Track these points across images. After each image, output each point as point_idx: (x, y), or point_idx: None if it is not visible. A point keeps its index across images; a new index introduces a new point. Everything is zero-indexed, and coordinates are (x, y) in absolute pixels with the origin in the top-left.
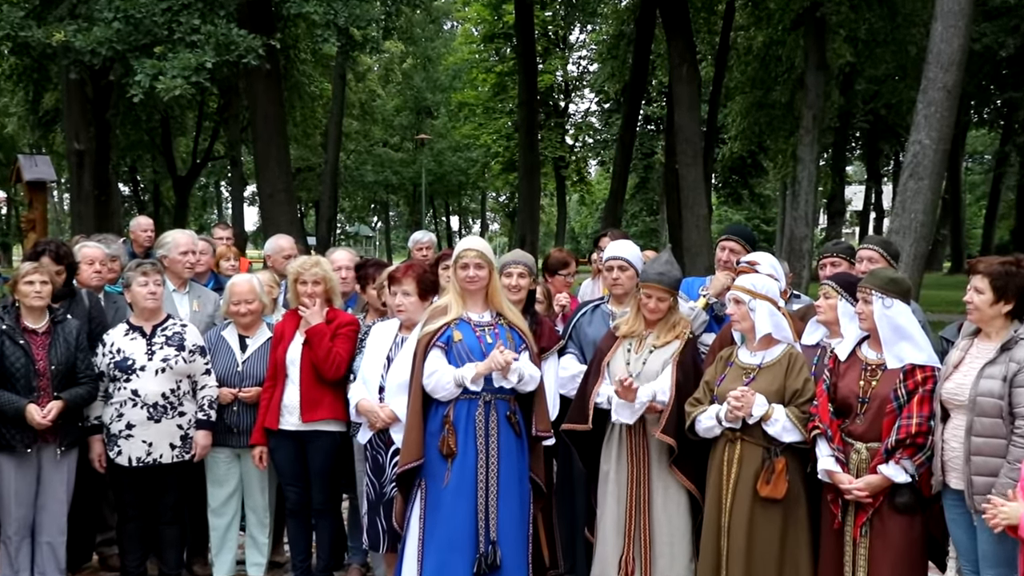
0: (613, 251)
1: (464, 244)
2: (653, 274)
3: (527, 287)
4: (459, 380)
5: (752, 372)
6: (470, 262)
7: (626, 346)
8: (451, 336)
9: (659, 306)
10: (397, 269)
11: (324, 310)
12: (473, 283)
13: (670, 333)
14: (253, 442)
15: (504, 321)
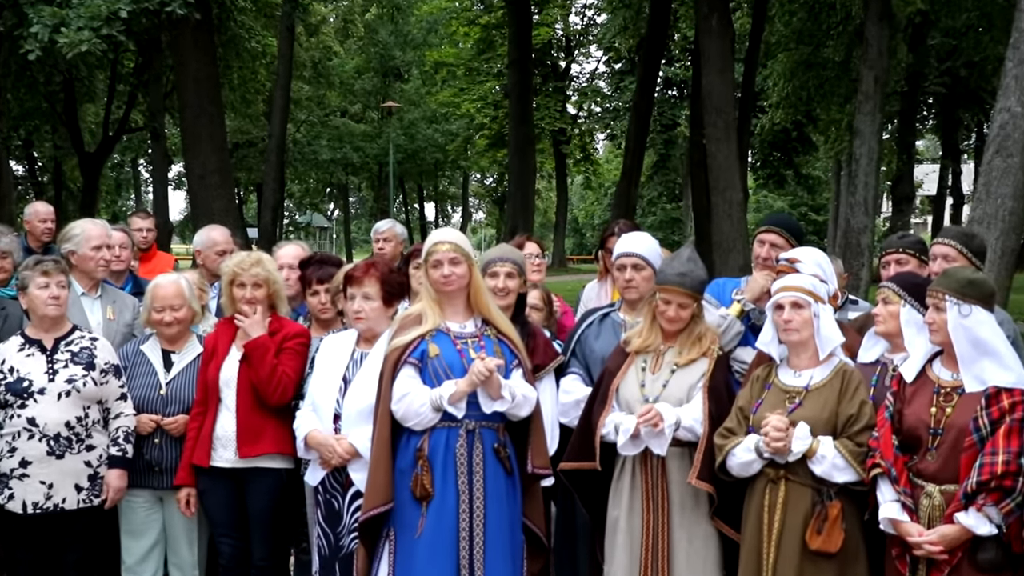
0: (625, 246)
1: (434, 237)
2: (672, 274)
3: (516, 290)
4: (436, 403)
5: (797, 396)
6: (443, 258)
7: (640, 364)
8: (426, 350)
9: (679, 314)
10: (355, 268)
11: (267, 319)
12: (449, 283)
13: (694, 349)
14: (178, 483)
15: (492, 331)
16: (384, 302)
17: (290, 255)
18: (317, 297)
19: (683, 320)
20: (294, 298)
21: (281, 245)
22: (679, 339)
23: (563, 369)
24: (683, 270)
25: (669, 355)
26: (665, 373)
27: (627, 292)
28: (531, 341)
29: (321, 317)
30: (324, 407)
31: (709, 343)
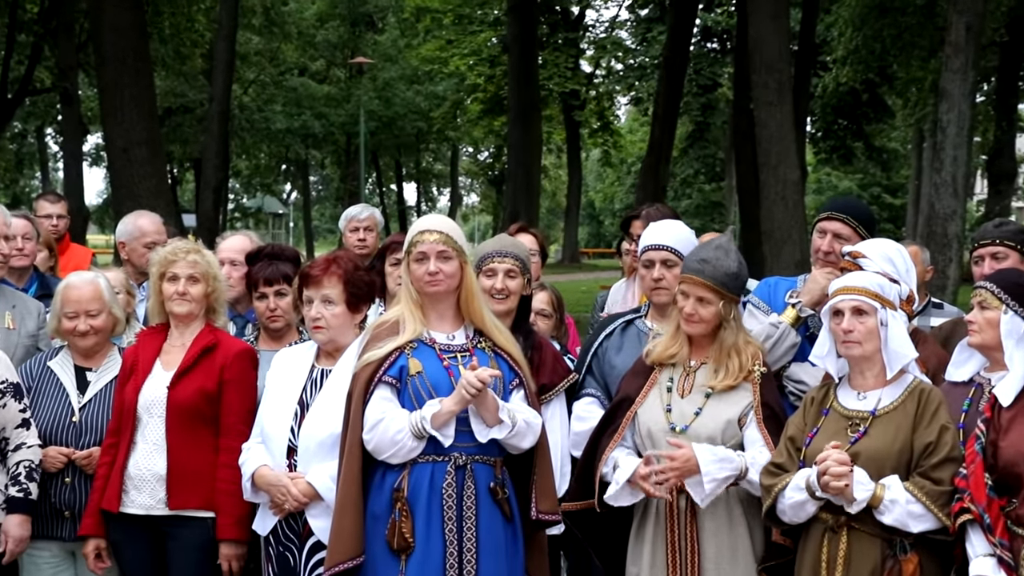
0: (653, 237)
1: (420, 225)
2: (692, 260)
3: (518, 292)
4: (417, 427)
5: (861, 423)
6: (429, 251)
7: (664, 383)
8: (405, 367)
9: (699, 312)
10: (314, 264)
11: (201, 324)
12: (436, 283)
13: (731, 368)
14: (83, 532)
15: (486, 343)
16: (349, 307)
17: (234, 248)
18: (266, 302)
19: (704, 322)
20: (239, 301)
21: (224, 236)
22: (711, 352)
23: (577, 390)
24: (705, 256)
25: (702, 375)
26: (697, 397)
27: (655, 295)
28: (537, 355)
29: (271, 326)
30: (276, 438)
31: (749, 361)
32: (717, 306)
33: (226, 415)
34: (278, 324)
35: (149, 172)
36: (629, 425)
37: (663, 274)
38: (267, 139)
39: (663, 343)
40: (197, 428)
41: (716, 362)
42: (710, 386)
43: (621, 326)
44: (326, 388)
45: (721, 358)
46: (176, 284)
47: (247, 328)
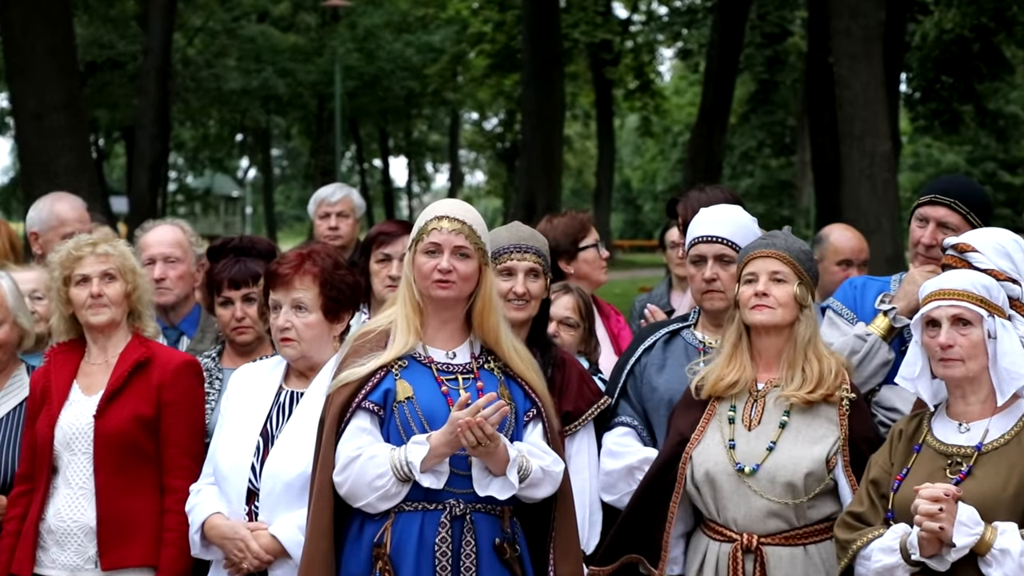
0: (704, 225)
1: (437, 209)
2: (756, 241)
3: (540, 295)
4: (401, 467)
5: (964, 461)
6: (444, 243)
7: (726, 413)
8: (392, 390)
9: (773, 292)
10: (283, 261)
11: (126, 334)
12: (447, 284)
13: (810, 370)
14: None
15: (496, 364)
16: (326, 314)
17: (164, 242)
18: (232, 309)
19: (781, 305)
20: (173, 308)
21: (146, 227)
22: (781, 367)
23: (608, 417)
24: (771, 233)
25: (774, 399)
26: (770, 428)
27: (707, 299)
28: (559, 375)
29: (238, 339)
30: (232, 478)
31: (833, 376)
32: (794, 286)
33: (169, 448)
34: (247, 337)
35: (68, 144)
36: (687, 472)
37: (717, 273)
38: (218, 102)
39: (715, 370)
40: (133, 465)
41: (790, 368)
42: (789, 403)
43: (664, 338)
44: (296, 416)
45: (796, 360)
46: (87, 286)
47: (180, 341)
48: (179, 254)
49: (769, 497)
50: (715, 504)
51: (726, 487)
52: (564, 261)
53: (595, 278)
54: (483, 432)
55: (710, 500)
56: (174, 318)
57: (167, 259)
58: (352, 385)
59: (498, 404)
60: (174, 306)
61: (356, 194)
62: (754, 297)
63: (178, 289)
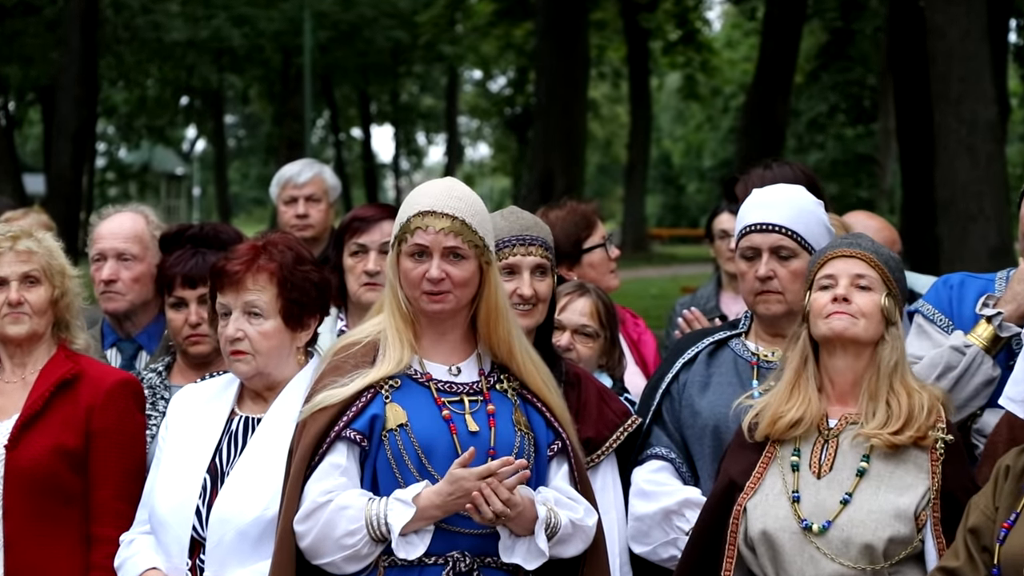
0: (757, 210)
1: (420, 199)
2: (837, 240)
3: (547, 297)
4: (379, 525)
5: None
6: (432, 245)
7: (789, 457)
8: (380, 416)
9: (856, 300)
10: (232, 255)
11: (50, 347)
12: (440, 297)
13: (897, 404)
14: None
15: (511, 385)
16: (287, 321)
17: (123, 234)
18: (185, 312)
19: (864, 315)
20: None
21: (103, 214)
22: (860, 399)
23: (638, 448)
24: (856, 233)
25: (850, 439)
26: (845, 475)
27: (761, 301)
28: (573, 395)
29: (192, 351)
30: (173, 525)
31: (925, 412)
32: (881, 296)
33: (99, 488)
34: (203, 348)
35: None
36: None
37: (773, 269)
38: (158, 57)
39: (773, 405)
40: (53, 510)
41: (871, 400)
42: (865, 436)
43: (708, 349)
44: (252, 447)
45: (879, 390)
46: (4, 291)
47: (138, 357)
48: (136, 251)
49: (842, 562)
50: (774, 569)
51: (788, 549)
52: (565, 266)
53: (604, 284)
54: (500, 501)
55: (768, 564)
56: (131, 328)
57: (121, 256)
58: (331, 410)
59: (518, 465)
60: (130, 314)
61: (329, 173)
62: (832, 303)
63: (132, 294)
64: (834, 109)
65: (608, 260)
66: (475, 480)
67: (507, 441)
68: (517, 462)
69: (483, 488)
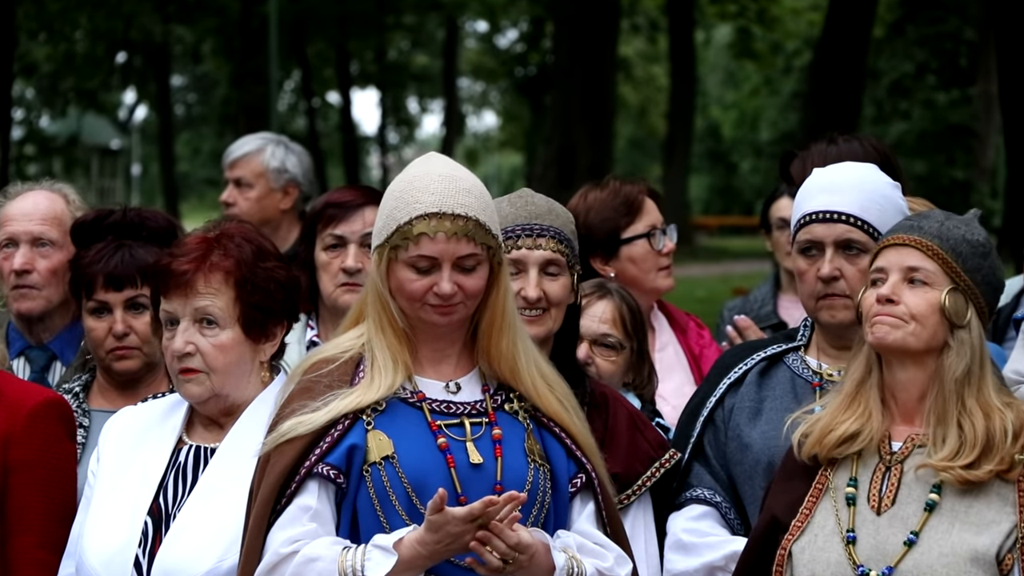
0: (819, 195)
1: (423, 198)
2: (904, 224)
3: (564, 300)
4: None
5: None
6: (442, 255)
7: (843, 489)
8: (359, 447)
9: (906, 298)
10: (180, 249)
11: None
12: (449, 309)
13: (971, 427)
14: None
15: (522, 404)
16: (247, 330)
17: (33, 216)
18: (109, 320)
19: (916, 319)
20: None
21: (8, 192)
22: (926, 419)
23: (677, 487)
24: (926, 214)
25: (916, 466)
26: (911, 510)
27: (824, 307)
28: (599, 420)
29: (117, 367)
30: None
31: (1009, 440)
32: (941, 293)
33: (17, 534)
34: (131, 364)
35: None
36: None
37: (839, 267)
38: (88, 4)
39: (826, 416)
40: None
41: (939, 423)
42: (938, 477)
43: (760, 367)
44: (205, 484)
45: (947, 411)
46: None
47: (51, 369)
48: (56, 236)
49: None
50: None
51: None
52: (600, 259)
53: (648, 284)
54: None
55: None
56: (43, 333)
57: (36, 242)
58: (300, 441)
59: (507, 497)
60: (43, 316)
61: (276, 152)
62: (876, 304)
63: (50, 289)
64: (922, 69)
65: (655, 255)
66: (462, 523)
67: (517, 474)
68: (508, 494)
69: (481, 533)
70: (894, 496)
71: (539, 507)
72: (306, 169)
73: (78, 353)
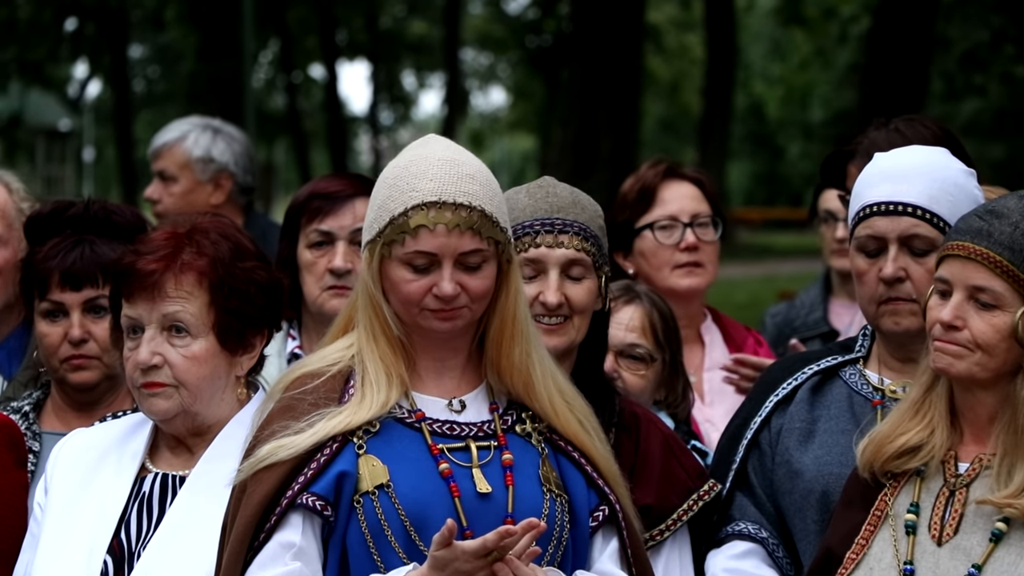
0: (882, 183)
1: (421, 185)
2: (970, 219)
3: (589, 306)
4: None
5: None
6: (441, 251)
7: (903, 516)
8: (350, 474)
9: (971, 322)
10: (143, 247)
11: None
12: (453, 314)
13: None
14: None
15: (536, 425)
16: (222, 340)
17: None
18: (64, 325)
19: (982, 347)
20: None
21: None
22: (994, 443)
23: (719, 520)
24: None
25: (980, 489)
26: (975, 540)
27: (887, 314)
28: (629, 443)
29: (74, 379)
30: None
31: None
32: (1013, 315)
33: None
34: (88, 375)
35: None
36: None
37: (905, 267)
38: None
39: (887, 425)
40: None
41: (1007, 453)
42: (996, 504)
43: (812, 382)
44: (173, 518)
45: (1018, 443)
46: None
47: None
48: None
49: None
50: None
51: None
52: (620, 254)
53: (661, 283)
54: None
55: None
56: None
57: None
58: (282, 468)
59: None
60: None
61: (202, 137)
62: (938, 326)
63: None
64: (999, 37)
65: (668, 249)
66: (473, 559)
67: (531, 505)
68: (526, 522)
69: (496, 567)
70: (957, 524)
71: (556, 543)
72: (239, 155)
73: (23, 364)
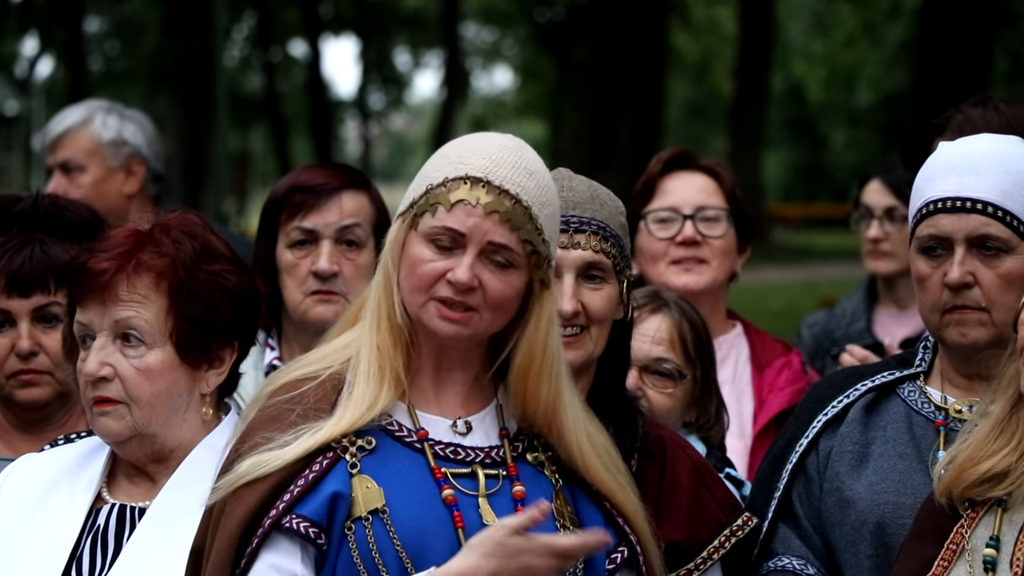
0: (947, 176)
1: (469, 157)
2: None
3: (607, 314)
4: None
5: None
6: (471, 232)
7: (981, 549)
8: (342, 495)
9: None
10: (100, 249)
11: None
12: (463, 318)
13: None
14: None
15: (548, 456)
16: (182, 351)
17: None
18: (8, 335)
19: None
20: None
21: None
22: None
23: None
24: None
25: None
26: None
27: (953, 323)
28: (653, 472)
29: (22, 396)
30: None
31: None
32: None
33: None
34: (39, 393)
35: None
36: None
37: (973, 271)
38: None
39: (967, 448)
40: None
41: None
42: None
43: (866, 400)
44: (132, 553)
45: None
46: None
47: None
48: None
49: None
50: None
51: None
52: None
53: (654, 280)
54: None
55: None
56: None
57: None
58: (265, 484)
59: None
60: None
61: (110, 118)
62: None
63: None
64: None
65: (662, 243)
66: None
67: None
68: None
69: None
70: None
71: None
72: (151, 139)
73: None
